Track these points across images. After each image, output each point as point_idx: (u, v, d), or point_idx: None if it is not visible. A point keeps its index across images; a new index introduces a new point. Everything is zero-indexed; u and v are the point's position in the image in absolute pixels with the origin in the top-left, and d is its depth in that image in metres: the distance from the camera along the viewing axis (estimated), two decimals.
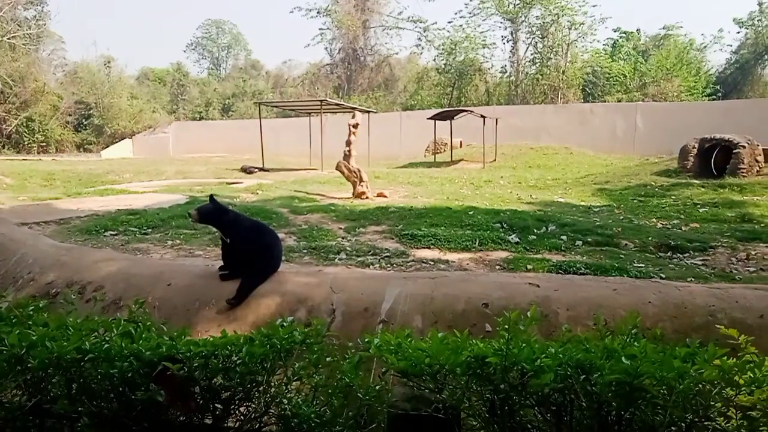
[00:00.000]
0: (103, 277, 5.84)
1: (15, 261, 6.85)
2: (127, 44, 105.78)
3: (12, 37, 46.44)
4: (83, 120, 51.00)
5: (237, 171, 24.05)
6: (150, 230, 9.00)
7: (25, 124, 46.44)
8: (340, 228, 9.12)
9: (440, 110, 31.28)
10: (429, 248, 7.49)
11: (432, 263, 6.64)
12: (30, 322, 2.78)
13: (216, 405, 2.55)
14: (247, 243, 5.26)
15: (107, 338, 2.60)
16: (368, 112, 29.38)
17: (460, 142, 30.14)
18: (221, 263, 5.65)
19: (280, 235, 8.26)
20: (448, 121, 28.53)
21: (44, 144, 47.61)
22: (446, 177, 18.45)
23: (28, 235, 8.04)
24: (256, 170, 23.78)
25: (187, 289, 5.35)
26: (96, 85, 50.95)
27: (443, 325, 4.52)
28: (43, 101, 47.35)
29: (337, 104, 28.38)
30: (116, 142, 46.07)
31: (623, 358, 2.19)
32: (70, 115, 50.24)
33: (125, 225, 9.23)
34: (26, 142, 46.68)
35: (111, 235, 8.59)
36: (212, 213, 5.26)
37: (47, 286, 6.02)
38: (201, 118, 54.11)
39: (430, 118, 28.00)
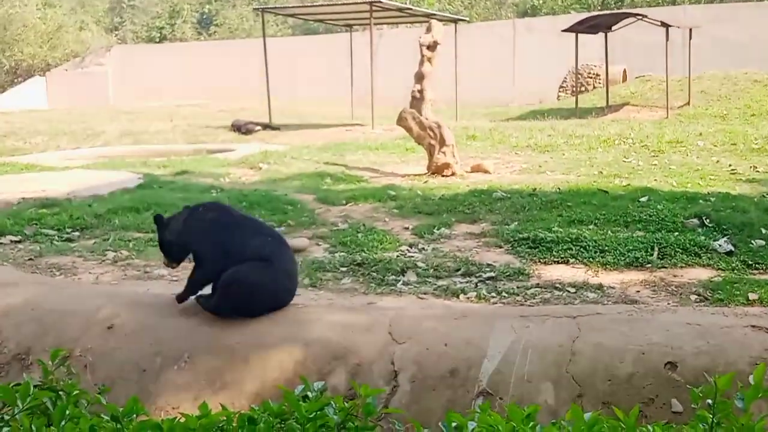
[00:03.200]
0: None
1: None
2: None
3: None
4: None
5: (225, 129, 24.47)
6: (77, 233, 9.23)
7: None
8: (406, 228, 9.12)
9: (586, 16, 30.88)
10: (566, 263, 7.41)
11: (572, 290, 6.57)
12: None
13: None
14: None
15: (6, 416, 2.69)
16: (455, 21, 29.32)
17: (623, 71, 29.68)
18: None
19: (302, 241, 8.38)
20: (601, 35, 28.15)
21: None
22: (598, 135, 18.19)
23: None
24: (259, 128, 24.14)
25: (142, 334, 5.47)
26: None
27: (593, 399, 4.48)
28: None
29: (399, 8, 28.41)
30: (18, 82, 47.64)
31: None
32: None
33: (35, 224, 9.51)
34: None
35: (11, 242, 8.87)
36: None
37: None
38: (162, 39, 55.26)
39: (568, 31, 27.69)
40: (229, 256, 5.42)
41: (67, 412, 2.69)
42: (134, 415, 2.74)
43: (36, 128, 25.44)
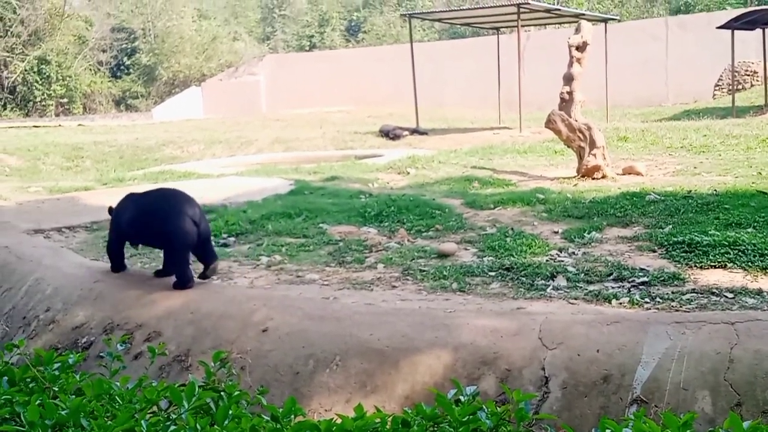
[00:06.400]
0: (159, 317, 6.30)
1: (25, 291, 7.59)
2: None
3: None
4: (124, 59, 55.25)
5: (373, 135, 24.75)
6: (233, 239, 9.54)
7: (36, 70, 51.31)
8: (555, 232, 9.04)
9: (743, 11, 29.94)
10: (723, 268, 7.21)
11: (730, 296, 6.39)
12: (56, 388, 3.08)
13: None
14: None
15: (173, 416, 2.81)
16: (605, 20, 28.89)
17: None
18: (348, 293, 5.87)
19: (450, 246, 8.41)
20: (759, 31, 27.25)
21: (65, 100, 52.27)
22: (756, 134, 17.64)
23: (45, 249, 8.86)
24: (406, 133, 24.32)
25: (295, 337, 5.61)
26: (143, 0, 55.00)
27: (753, 407, 4.36)
28: (62, 31, 51.96)
29: (547, 9, 28.18)
30: (176, 92, 49.36)
31: None
32: (103, 51, 54.71)
33: None
34: (38, 99, 51.56)
35: None
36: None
37: (75, 332, 6.60)
38: (312, 47, 56.36)
39: (723, 27, 26.94)
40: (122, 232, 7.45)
41: (230, 411, 2.79)
42: (292, 416, 2.82)
43: (193, 137, 26.32)
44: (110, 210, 7.68)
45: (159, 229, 7.00)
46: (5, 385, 3.01)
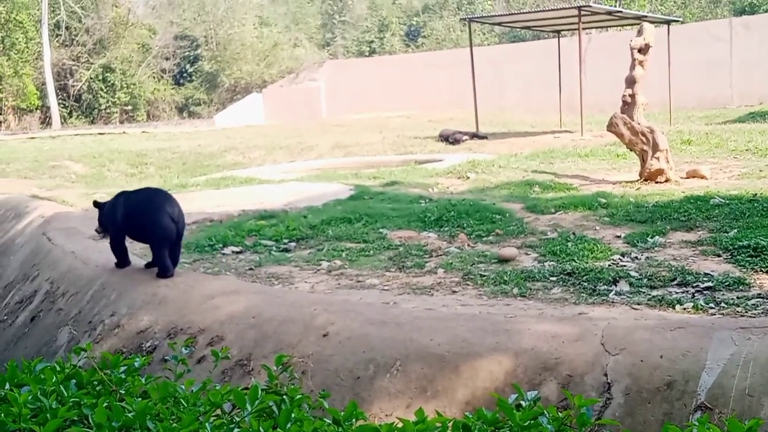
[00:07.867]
0: (222, 321, 6.37)
1: (91, 296, 7.74)
2: None
3: None
4: (187, 66, 55.95)
5: (433, 140, 24.73)
6: (294, 244, 9.62)
7: (101, 78, 52.19)
8: (617, 236, 8.97)
9: None
10: None
11: None
12: (122, 391, 3.14)
13: None
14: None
15: (237, 418, 2.85)
16: (668, 22, 28.56)
17: None
18: (408, 297, 5.90)
19: (510, 251, 8.40)
20: None
21: (129, 108, 53.08)
22: None
23: (110, 255, 9.01)
24: (466, 137, 24.25)
25: (355, 342, 5.63)
26: (205, 7, 55.62)
27: None
28: (126, 39, 52.80)
29: (609, 12, 27.94)
30: (238, 99, 49.76)
31: None
32: (166, 58, 55.47)
33: (255, 236, 9.96)
34: (103, 106, 52.43)
35: (233, 252, 9.33)
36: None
37: (139, 336, 6.71)
38: (371, 53, 56.51)
39: None
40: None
41: (292, 415, 2.82)
42: (354, 420, 2.85)
43: (254, 143, 26.56)
44: (95, 203, 8.32)
45: (143, 224, 7.74)
46: (73, 388, 3.09)
